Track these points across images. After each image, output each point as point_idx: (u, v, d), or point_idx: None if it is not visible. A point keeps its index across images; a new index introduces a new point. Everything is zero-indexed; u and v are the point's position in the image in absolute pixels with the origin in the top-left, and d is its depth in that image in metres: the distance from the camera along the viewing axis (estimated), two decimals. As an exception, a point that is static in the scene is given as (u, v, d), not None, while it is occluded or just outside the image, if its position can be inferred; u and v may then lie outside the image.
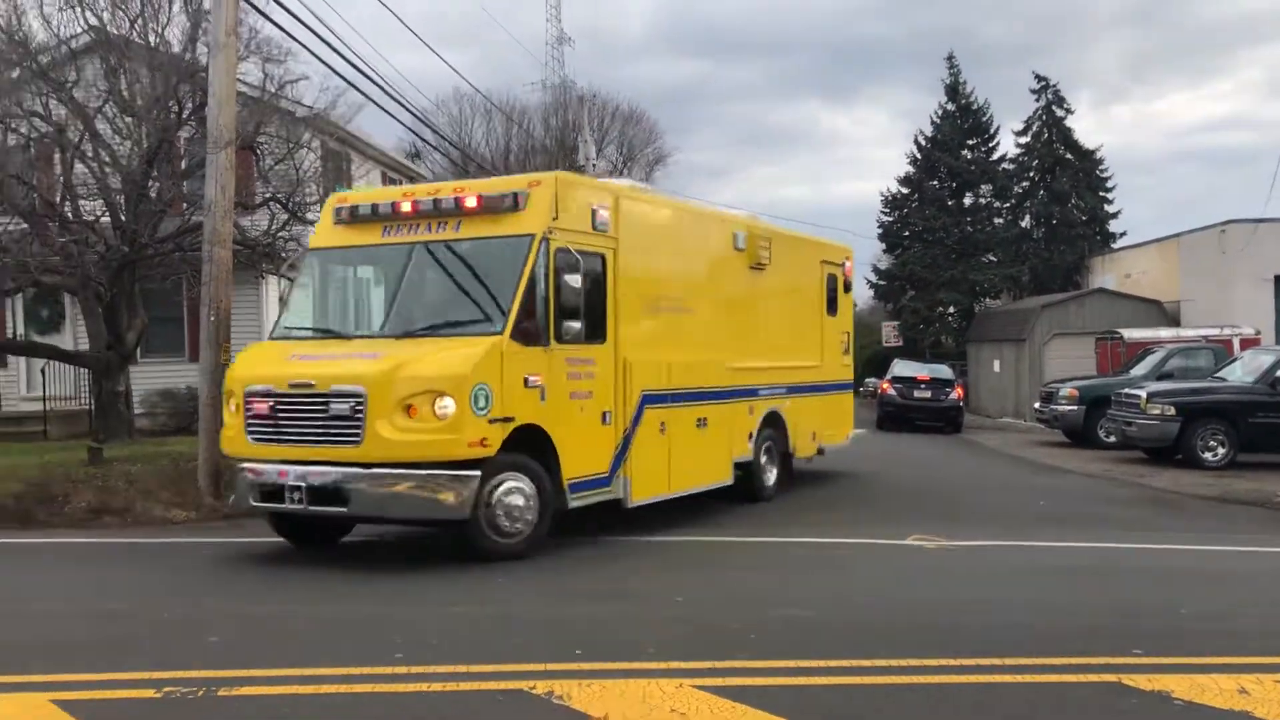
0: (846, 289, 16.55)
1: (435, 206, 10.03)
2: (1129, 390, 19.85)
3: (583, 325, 9.80)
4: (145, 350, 20.51)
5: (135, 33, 16.44)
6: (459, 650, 6.45)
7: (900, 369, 30.81)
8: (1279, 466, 18.09)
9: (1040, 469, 19.75)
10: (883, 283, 52.32)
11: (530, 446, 9.53)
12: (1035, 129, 50.10)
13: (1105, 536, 11.66)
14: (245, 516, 11.05)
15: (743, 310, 13.33)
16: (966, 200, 50.27)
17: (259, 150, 17.29)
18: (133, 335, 17.56)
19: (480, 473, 9.02)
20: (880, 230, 51.75)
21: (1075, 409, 23.50)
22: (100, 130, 16.48)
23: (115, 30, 16.37)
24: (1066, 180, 48.74)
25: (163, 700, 5.53)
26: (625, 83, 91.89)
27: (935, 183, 49.67)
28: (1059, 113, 49.93)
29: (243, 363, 10.23)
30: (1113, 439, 21.04)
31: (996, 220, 50.12)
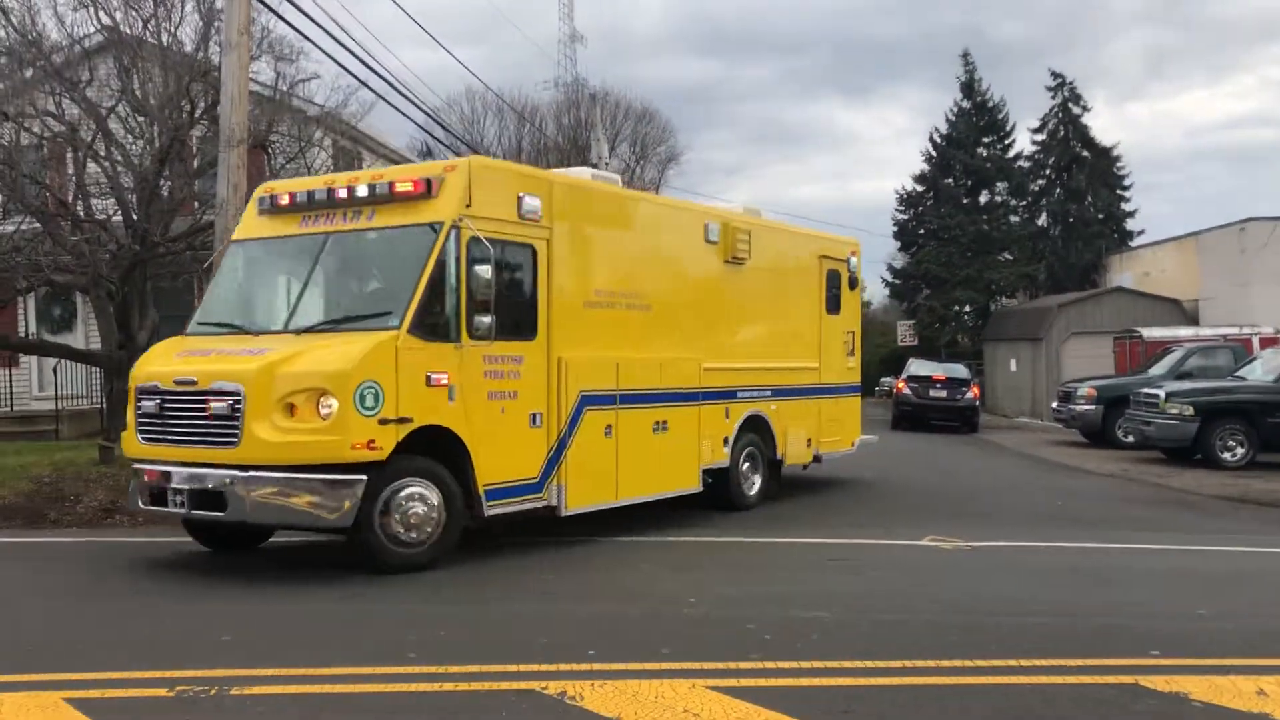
0: (852, 286, 15.51)
1: (350, 195, 9.49)
2: (1147, 390, 19.73)
3: (494, 320, 9.01)
4: (158, 349, 20.51)
5: (148, 32, 16.45)
6: (472, 650, 6.43)
7: (916, 368, 30.66)
8: (1299, 466, 17.95)
9: (1058, 469, 19.63)
10: (898, 281, 52.20)
11: (439, 450, 8.99)
12: (1051, 126, 49.89)
13: (1123, 537, 11.58)
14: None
15: (717, 307, 12.54)
16: (982, 198, 50.06)
17: (271, 149, 17.32)
18: (144, 334, 17.55)
19: (365, 477, 8.43)
20: (895, 228, 51.67)
21: (1093, 408, 23.37)
22: (113, 129, 16.50)
23: (128, 30, 16.39)
24: (1083, 178, 48.51)
25: (175, 699, 5.52)
26: (638, 81, 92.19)
27: (951, 181, 49.47)
28: (1075, 110, 49.72)
29: (143, 359, 9.80)
30: (1131, 439, 20.90)
31: (1012, 218, 49.91)
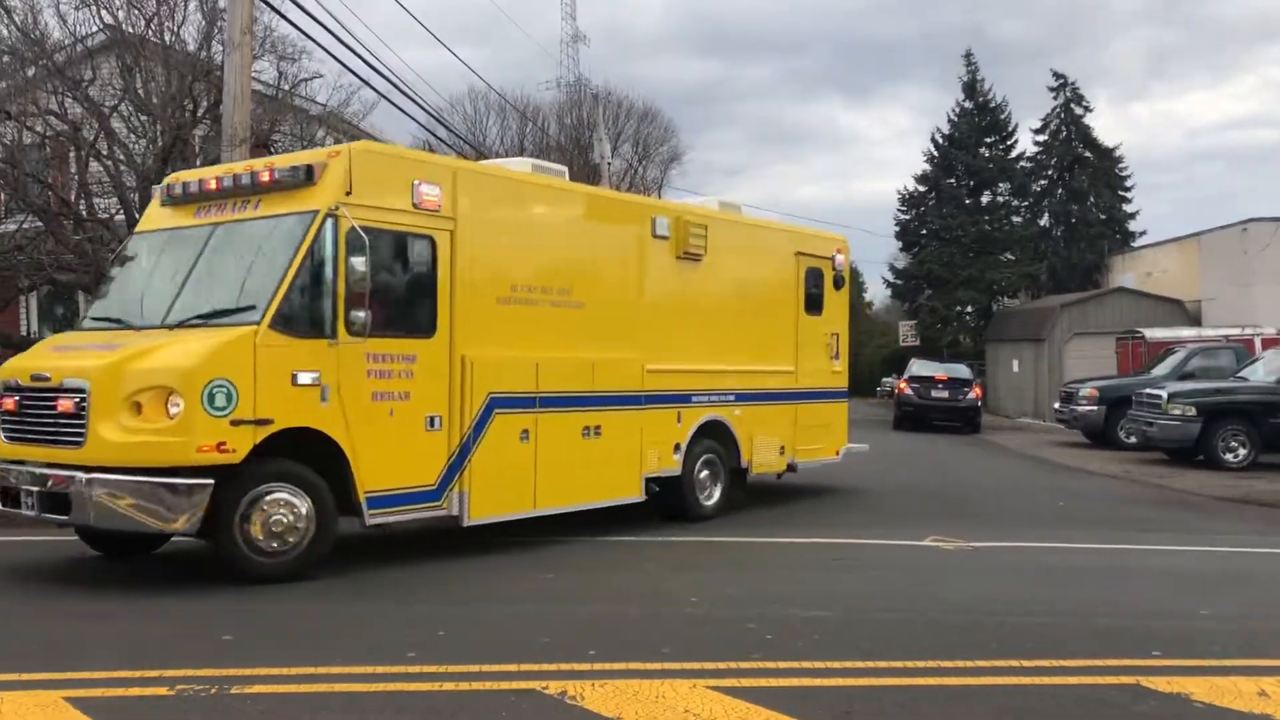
0: (838, 285, 14.51)
1: (235, 183, 9.10)
2: (1150, 390, 19.70)
3: (368, 315, 8.46)
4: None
5: (151, 31, 16.48)
6: (472, 650, 6.42)
7: (918, 368, 30.68)
8: (1301, 467, 17.93)
9: (1060, 470, 19.62)
10: (900, 281, 52.17)
11: (313, 454, 8.49)
12: (1053, 127, 49.87)
13: (1125, 538, 11.57)
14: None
15: (667, 306, 11.71)
16: (984, 199, 50.05)
17: (273, 148, 17.33)
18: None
19: (212, 482, 7.93)
20: (897, 229, 51.66)
21: (1095, 409, 23.35)
22: (115, 128, 16.52)
23: (131, 29, 16.42)
24: (1085, 178, 48.52)
25: (175, 698, 5.51)
26: (641, 81, 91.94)
27: (953, 181, 49.45)
28: (1077, 110, 49.73)
29: (20, 355, 9.49)
30: (1133, 440, 20.87)
31: (1014, 219, 49.90)
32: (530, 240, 10.34)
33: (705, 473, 12.18)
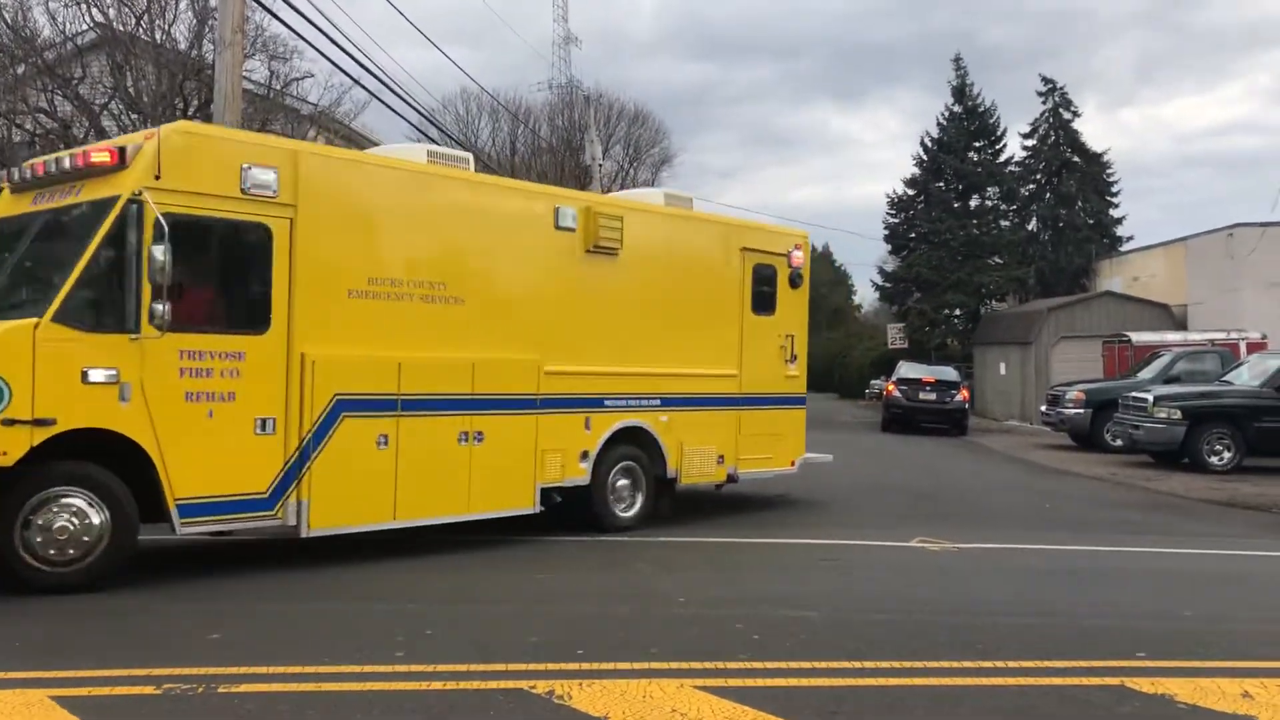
0: (794, 284, 13.28)
1: (58, 167, 8.50)
2: (1136, 394, 19.83)
3: (168, 308, 7.78)
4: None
5: (141, 29, 16.48)
6: (460, 649, 6.43)
7: (905, 371, 30.84)
8: (1285, 471, 18.04)
9: (1046, 472, 19.70)
10: (889, 285, 52.26)
11: (118, 457, 7.93)
12: (1042, 131, 50.03)
13: (1110, 540, 11.63)
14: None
15: (573, 303, 10.84)
16: (973, 202, 50.13)
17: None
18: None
19: None
20: (886, 232, 51.73)
21: (1082, 412, 23.47)
22: (106, 127, 16.50)
23: (121, 27, 16.41)
24: (1073, 183, 48.66)
25: (163, 697, 5.50)
26: (633, 84, 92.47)
27: (941, 185, 49.53)
28: (1066, 115, 49.88)
29: None
30: (1119, 443, 20.98)
31: (1003, 223, 49.98)
32: (396, 230, 9.54)
33: (624, 482, 11.35)
